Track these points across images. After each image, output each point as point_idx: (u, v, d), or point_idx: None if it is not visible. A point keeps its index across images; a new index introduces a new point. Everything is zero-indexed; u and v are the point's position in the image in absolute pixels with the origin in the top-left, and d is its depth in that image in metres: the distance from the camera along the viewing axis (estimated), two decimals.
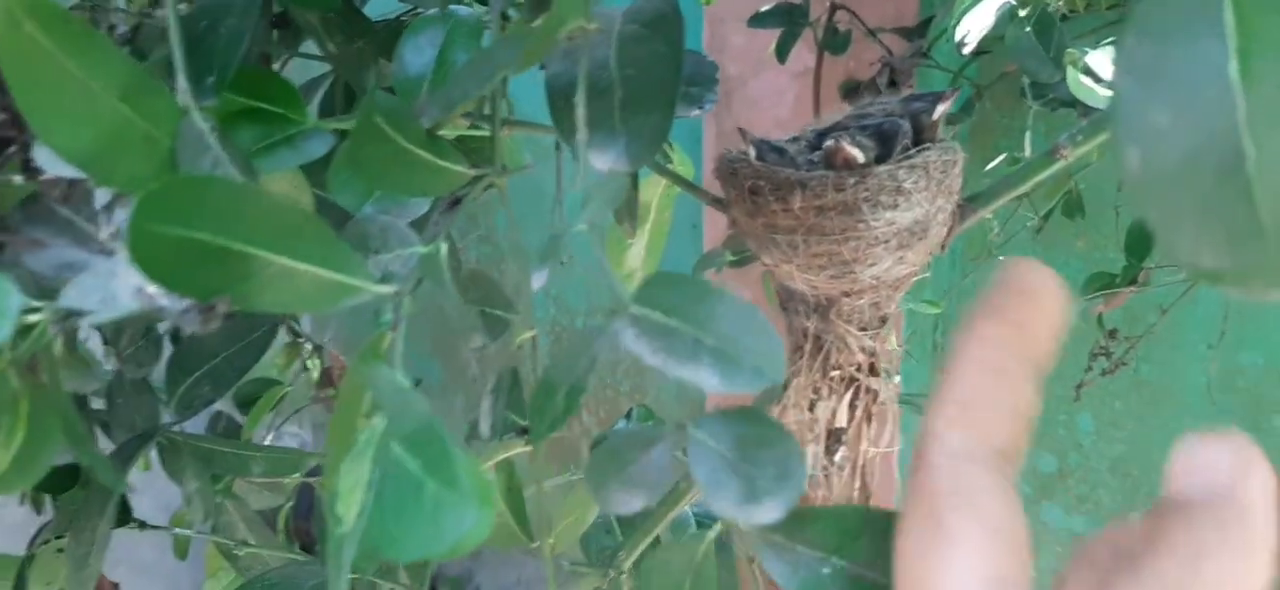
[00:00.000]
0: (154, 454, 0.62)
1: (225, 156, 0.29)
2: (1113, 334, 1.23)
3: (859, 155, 0.40)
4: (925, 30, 1.11)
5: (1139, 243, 1.08)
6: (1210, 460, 0.25)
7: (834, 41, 1.13)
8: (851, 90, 1.26)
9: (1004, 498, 0.26)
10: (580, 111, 0.31)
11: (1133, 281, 1.06)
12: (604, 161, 0.33)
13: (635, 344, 0.26)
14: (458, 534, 0.22)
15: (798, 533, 0.31)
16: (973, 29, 0.87)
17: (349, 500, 0.26)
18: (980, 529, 0.26)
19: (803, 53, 1.33)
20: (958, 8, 0.90)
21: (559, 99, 0.34)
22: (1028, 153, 0.99)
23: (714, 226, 1.64)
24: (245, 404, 0.93)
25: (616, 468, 0.31)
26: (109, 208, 0.28)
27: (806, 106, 1.44)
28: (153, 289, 0.25)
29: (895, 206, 0.40)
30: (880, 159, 0.41)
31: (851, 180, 0.39)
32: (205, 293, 0.25)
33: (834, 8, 1.14)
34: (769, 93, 1.45)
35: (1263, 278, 0.22)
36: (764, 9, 1.12)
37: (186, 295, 0.25)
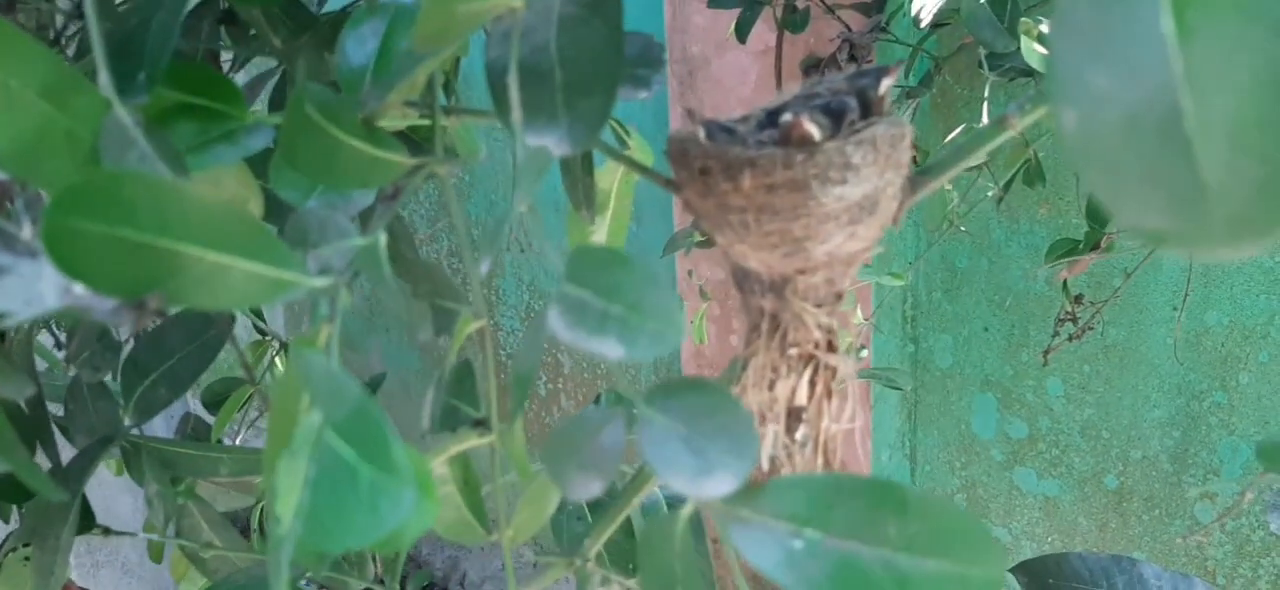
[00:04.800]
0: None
1: (152, 152, 0.29)
2: (1078, 299, 1.24)
3: (816, 131, 0.40)
4: (883, 5, 1.11)
5: (1100, 208, 1.09)
6: None
7: (793, 20, 1.13)
8: (813, 67, 1.26)
9: None
10: (514, 94, 0.31)
11: (1095, 246, 1.06)
12: (545, 145, 0.33)
13: (555, 322, 0.26)
14: (396, 519, 0.22)
15: (765, 506, 0.31)
16: (927, 2, 0.87)
17: (287, 499, 0.26)
18: None
19: (764, 33, 1.33)
20: None
21: (500, 83, 0.34)
22: (986, 123, 1.00)
23: (682, 207, 1.63)
24: (213, 404, 0.92)
25: (571, 453, 0.31)
26: (31, 207, 0.28)
27: (770, 85, 1.43)
28: (80, 288, 0.25)
29: (844, 182, 0.40)
30: (831, 136, 0.41)
31: (800, 157, 0.39)
32: (130, 290, 0.24)
33: None
34: (732, 72, 1.45)
35: (1207, 237, 0.22)
36: None
37: (110, 293, 0.24)
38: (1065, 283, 1.21)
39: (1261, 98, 0.21)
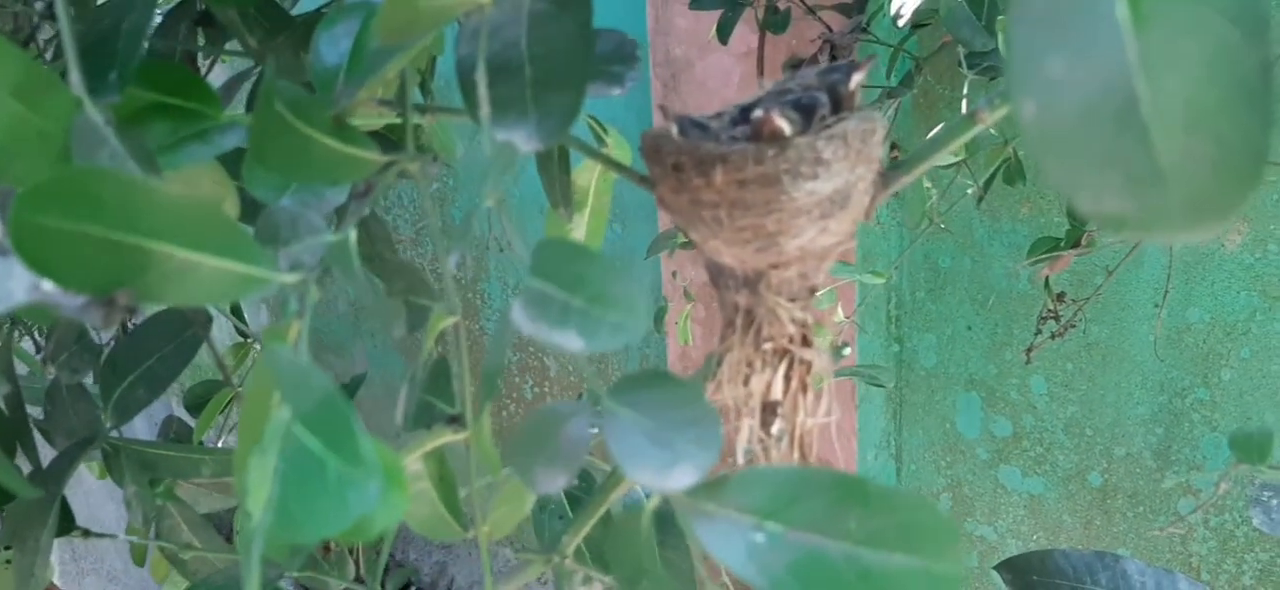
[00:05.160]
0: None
1: (123, 150, 0.29)
2: (1061, 297, 1.25)
3: (787, 126, 0.40)
4: (864, 6, 1.12)
5: None
6: None
7: (774, 20, 1.13)
8: (795, 68, 1.26)
9: None
10: (482, 90, 0.31)
11: (1076, 244, 1.07)
12: (515, 141, 0.33)
13: (518, 316, 0.26)
14: (362, 509, 0.22)
15: (728, 499, 0.31)
16: (907, 2, 0.88)
17: (258, 495, 0.26)
18: None
19: (747, 34, 1.33)
20: None
21: (469, 79, 0.34)
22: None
23: None
24: (195, 407, 0.92)
25: (537, 446, 0.31)
26: (2, 205, 0.28)
27: (753, 86, 1.44)
28: (49, 284, 0.25)
29: (815, 177, 0.40)
30: (802, 132, 0.41)
31: (771, 152, 0.39)
32: (99, 287, 0.24)
33: None
34: (715, 74, 1.45)
35: (1166, 220, 0.22)
36: None
37: (79, 290, 0.24)
38: (1047, 280, 1.22)
39: (1215, 82, 0.21)
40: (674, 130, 0.42)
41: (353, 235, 0.30)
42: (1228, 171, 0.22)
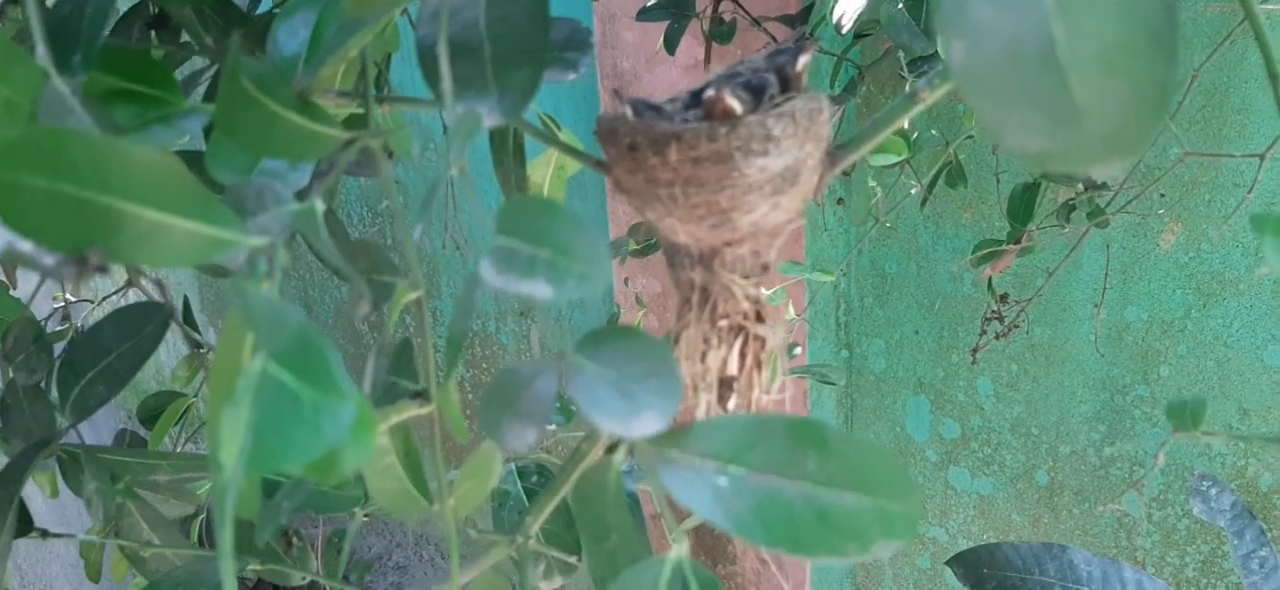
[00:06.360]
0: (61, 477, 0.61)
1: (89, 119, 0.29)
2: (1004, 298, 1.28)
3: (737, 105, 0.41)
4: (807, 16, 1.14)
5: (1020, 207, 1.13)
6: None
7: (720, 32, 1.16)
8: None
9: None
10: (445, 65, 0.32)
11: (1017, 242, 1.10)
12: (475, 111, 0.34)
13: (487, 271, 0.27)
14: (337, 435, 0.23)
15: (692, 446, 0.32)
16: (847, 11, 0.90)
17: (230, 446, 0.26)
18: None
19: (694, 46, 1.35)
20: None
21: (430, 60, 0.35)
22: (906, 127, 1.03)
23: (618, 218, 1.65)
24: (149, 419, 0.91)
25: (505, 403, 0.32)
26: None
27: None
28: (24, 244, 0.26)
29: (766, 153, 0.42)
30: (752, 110, 0.42)
31: (723, 130, 0.41)
32: (73, 245, 0.25)
33: None
34: (663, 86, 1.47)
35: (1084, 155, 0.24)
36: (651, 3, 1.14)
37: (53, 248, 0.25)
38: (990, 282, 1.25)
39: (1126, 25, 0.23)
40: (629, 112, 0.43)
41: (320, 204, 0.31)
42: (1138, 107, 0.23)
